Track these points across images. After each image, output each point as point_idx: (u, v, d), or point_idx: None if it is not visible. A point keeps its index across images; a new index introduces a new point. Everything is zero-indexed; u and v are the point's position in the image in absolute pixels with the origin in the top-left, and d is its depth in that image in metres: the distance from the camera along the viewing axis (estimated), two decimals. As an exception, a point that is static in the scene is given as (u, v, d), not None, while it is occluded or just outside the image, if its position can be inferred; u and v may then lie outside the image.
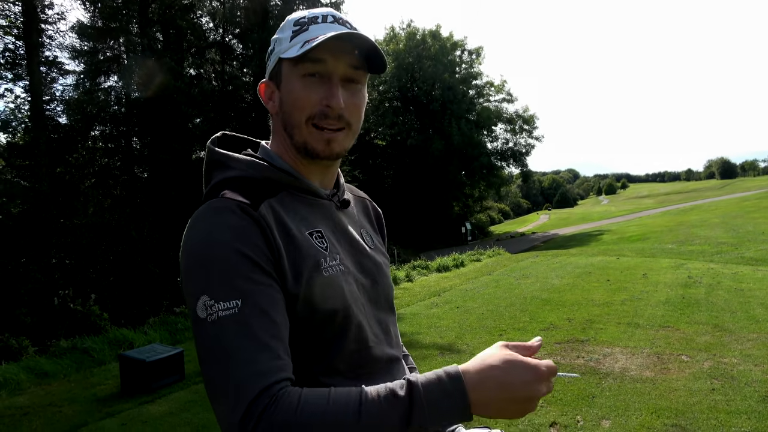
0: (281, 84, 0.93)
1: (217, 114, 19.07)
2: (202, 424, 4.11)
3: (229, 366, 0.73)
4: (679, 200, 57.49)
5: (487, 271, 12.34)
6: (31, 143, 14.05)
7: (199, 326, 0.76)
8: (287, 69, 0.91)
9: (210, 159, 0.96)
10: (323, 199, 0.98)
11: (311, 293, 0.84)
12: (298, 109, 0.90)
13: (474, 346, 5.73)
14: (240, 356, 0.73)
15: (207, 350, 0.75)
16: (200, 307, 0.76)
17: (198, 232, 0.82)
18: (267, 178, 0.92)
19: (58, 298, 7.76)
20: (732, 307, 6.60)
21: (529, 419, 3.62)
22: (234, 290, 0.76)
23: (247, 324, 0.75)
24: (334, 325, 0.87)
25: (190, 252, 0.82)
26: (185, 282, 0.81)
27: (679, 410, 3.65)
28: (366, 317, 0.93)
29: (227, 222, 0.81)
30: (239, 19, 20.14)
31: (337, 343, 0.88)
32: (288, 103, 0.92)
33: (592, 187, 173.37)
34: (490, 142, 37.35)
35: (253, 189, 0.88)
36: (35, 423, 4.35)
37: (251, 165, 0.93)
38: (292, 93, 0.91)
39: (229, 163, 0.94)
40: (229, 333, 0.74)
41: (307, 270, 0.85)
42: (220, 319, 0.75)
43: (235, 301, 0.76)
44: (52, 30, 15.23)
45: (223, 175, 0.92)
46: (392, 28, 37.66)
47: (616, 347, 5.27)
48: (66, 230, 13.84)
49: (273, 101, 0.96)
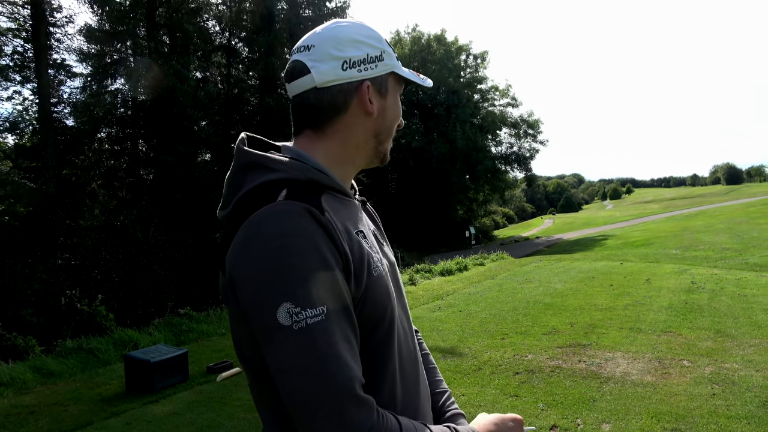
0: (387, 94, 0.99)
1: (222, 117, 19.18)
2: (206, 425, 4.15)
3: (326, 372, 0.75)
4: (684, 205, 57.26)
5: (490, 275, 12.36)
6: (39, 145, 14.18)
7: (283, 334, 0.76)
8: (394, 83, 1.01)
9: (246, 161, 0.91)
10: (353, 199, 1.00)
11: (367, 295, 0.86)
12: (395, 121, 1.02)
13: (476, 349, 5.76)
14: (334, 363, 0.75)
15: (296, 358, 0.76)
16: (282, 315, 0.75)
17: (267, 239, 0.79)
18: (311, 180, 0.90)
19: (66, 298, 7.82)
20: (735, 313, 6.60)
21: (529, 422, 3.65)
22: (318, 297, 0.76)
23: (335, 331, 0.77)
24: (384, 324, 0.90)
25: (261, 258, 0.79)
26: (254, 289, 0.79)
27: (679, 415, 3.67)
28: (400, 314, 0.97)
29: (299, 226, 0.80)
30: (245, 22, 20.25)
31: (386, 343, 0.91)
32: (390, 112, 1.01)
33: (597, 191, 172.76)
34: (494, 147, 37.30)
35: (305, 192, 0.86)
36: (41, 421, 4.40)
37: (294, 166, 0.89)
38: (396, 107, 1.02)
39: (269, 164, 0.89)
40: (320, 340, 0.75)
41: (364, 272, 0.86)
42: (308, 327, 0.75)
43: (321, 308, 0.76)
44: (61, 33, 15.41)
45: (266, 177, 0.88)
46: (397, 32, 37.70)
47: (617, 352, 5.28)
48: (72, 231, 13.95)
49: (374, 105, 0.97)
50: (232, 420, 4.22)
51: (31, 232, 12.53)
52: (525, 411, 3.88)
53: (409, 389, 0.96)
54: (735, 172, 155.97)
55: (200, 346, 6.82)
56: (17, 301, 10.23)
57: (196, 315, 8.20)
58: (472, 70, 37.46)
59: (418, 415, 0.95)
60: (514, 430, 1.02)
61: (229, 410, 4.44)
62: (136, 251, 13.34)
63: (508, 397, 4.22)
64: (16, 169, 13.90)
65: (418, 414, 0.95)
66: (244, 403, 4.56)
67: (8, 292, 10.47)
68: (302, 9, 21.87)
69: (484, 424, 1.00)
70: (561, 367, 4.92)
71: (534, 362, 5.14)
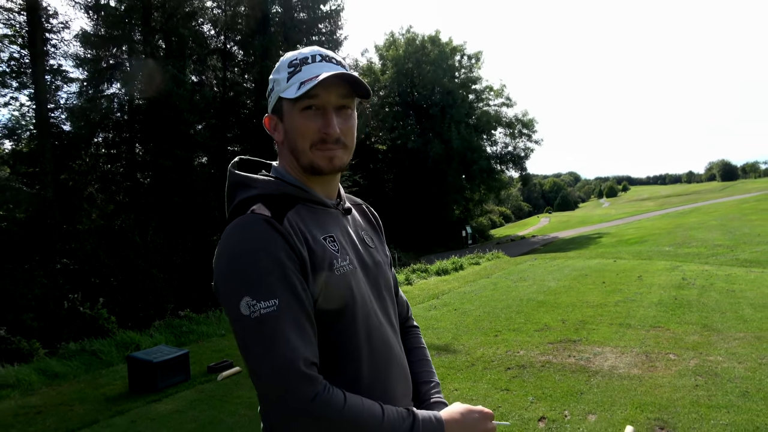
0: (284, 117, 1.12)
1: (218, 120, 19.27)
2: (209, 421, 4.30)
3: (273, 352, 0.92)
4: (679, 202, 57.57)
5: (485, 274, 12.52)
6: (36, 150, 14.25)
7: (243, 322, 0.94)
8: (287, 106, 1.09)
9: (233, 181, 1.13)
10: (331, 208, 1.17)
11: (327, 290, 1.03)
12: (301, 138, 1.08)
13: (470, 346, 5.91)
14: (282, 344, 0.92)
15: (252, 341, 0.94)
16: (243, 306, 0.94)
17: (233, 244, 0.99)
18: (284, 194, 1.09)
19: (68, 302, 7.95)
20: (722, 308, 6.77)
21: (519, 414, 3.81)
22: (271, 291, 0.94)
23: (284, 319, 0.94)
24: (346, 316, 1.06)
25: (228, 261, 0.98)
26: (224, 286, 0.98)
27: (663, 405, 3.84)
28: (372, 307, 1.13)
29: (258, 234, 0.98)
30: (240, 26, 20.36)
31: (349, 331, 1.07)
32: (293, 133, 1.10)
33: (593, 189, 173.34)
34: (489, 146, 37.51)
35: (274, 204, 1.05)
36: (48, 421, 4.54)
37: (269, 183, 1.10)
38: (295, 125, 1.08)
39: (250, 183, 1.10)
40: (270, 326, 0.93)
41: (324, 270, 1.03)
42: (262, 316, 0.93)
43: (273, 300, 0.94)
44: (57, 39, 15.48)
45: (247, 194, 1.08)
46: (392, 33, 37.83)
47: (606, 347, 5.45)
48: (70, 235, 14.04)
49: (278, 131, 1.14)
50: (233, 417, 4.36)
51: (30, 237, 12.61)
52: (515, 404, 4.03)
53: (378, 373, 1.10)
54: (730, 168, 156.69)
55: (200, 347, 6.95)
56: (18, 306, 10.33)
57: (196, 317, 8.33)
58: (466, 71, 37.65)
59: (386, 397, 1.08)
60: (480, 422, 1.07)
61: (230, 407, 4.59)
62: (135, 255, 13.44)
63: (500, 391, 4.37)
64: (15, 174, 13.98)
65: (386, 396, 1.09)
66: (244, 401, 4.71)
67: (9, 297, 10.56)
68: (296, 12, 21.99)
69: (450, 413, 1.07)
70: (551, 362, 5.08)
71: (525, 358, 5.30)
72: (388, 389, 1.11)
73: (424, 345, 1.40)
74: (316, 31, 22.74)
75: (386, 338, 1.15)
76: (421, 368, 1.31)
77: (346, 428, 0.94)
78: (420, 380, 1.28)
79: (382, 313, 1.17)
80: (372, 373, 1.09)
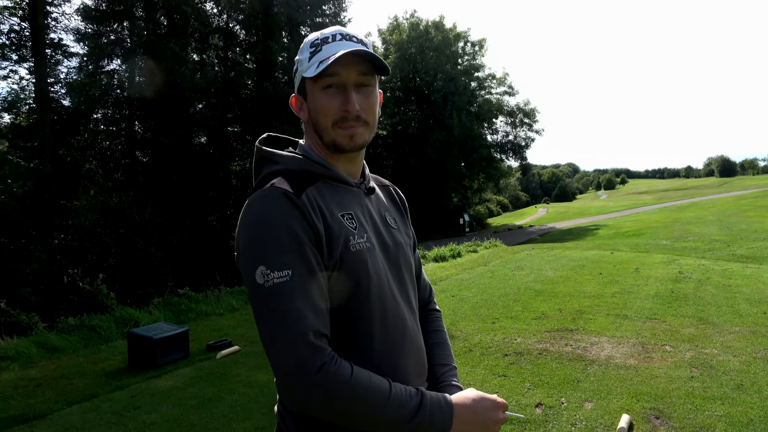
0: (307, 97, 1.14)
1: (219, 100, 19.15)
2: (208, 398, 4.33)
3: (285, 321, 0.94)
4: (677, 197, 57.71)
5: (483, 262, 12.57)
6: (36, 124, 14.16)
7: (258, 290, 0.97)
8: (310, 85, 1.11)
9: (259, 156, 1.17)
10: (353, 187, 1.18)
11: (342, 266, 1.05)
12: (323, 116, 1.10)
13: (467, 332, 5.96)
14: (293, 314, 0.95)
15: (264, 309, 0.96)
16: (258, 275, 0.97)
17: (251, 215, 1.02)
18: (305, 170, 1.12)
19: (68, 276, 7.96)
20: (718, 302, 6.82)
21: (516, 400, 3.85)
22: (285, 262, 0.97)
23: (296, 289, 0.96)
24: (360, 291, 1.07)
25: (246, 231, 1.02)
26: (244, 256, 1.01)
27: (658, 395, 3.88)
28: (388, 286, 1.13)
29: (276, 207, 1.01)
30: (243, 5, 20.13)
31: (362, 308, 1.08)
32: (315, 112, 1.12)
33: (592, 182, 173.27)
34: (490, 135, 37.39)
35: (295, 179, 1.08)
36: (48, 393, 4.57)
37: (293, 160, 1.13)
38: (317, 104, 1.10)
39: (274, 158, 1.14)
40: (282, 296, 0.95)
41: (339, 246, 1.05)
42: (275, 285, 0.96)
43: (287, 271, 0.96)
44: (58, 12, 15.32)
45: (270, 169, 1.13)
46: (395, 18, 37.61)
47: (603, 336, 5.49)
48: (67, 211, 14.01)
49: (303, 111, 1.17)
50: (232, 395, 4.40)
51: (28, 211, 12.58)
52: (512, 390, 4.08)
53: (390, 351, 1.11)
54: (729, 164, 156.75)
55: (199, 325, 6.98)
56: (16, 280, 10.34)
57: (195, 295, 8.35)
58: (469, 58, 37.40)
59: (397, 376, 1.09)
60: (491, 411, 1.07)
61: (229, 385, 4.62)
62: (133, 232, 13.44)
63: (497, 377, 4.42)
64: (13, 148, 13.91)
65: (397, 374, 1.10)
66: (243, 379, 4.75)
67: (6, 271, 10.57)
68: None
69: (462, 398, 1.07)
70: (548, 350, 5.12)
71: (522, 345, 5.35)
72: (399, 368, 1.12)
73: (444, 329, 1.40)
74: (320, 12, 22.50)
75: (401, 318, 1.15)
76: (438, 351, 1.32)
77: (352, 400, 0.95)
78: (436, 362, 1.29)
79: (400, 293, 1.17)
80: (384, 350, 1.10)
